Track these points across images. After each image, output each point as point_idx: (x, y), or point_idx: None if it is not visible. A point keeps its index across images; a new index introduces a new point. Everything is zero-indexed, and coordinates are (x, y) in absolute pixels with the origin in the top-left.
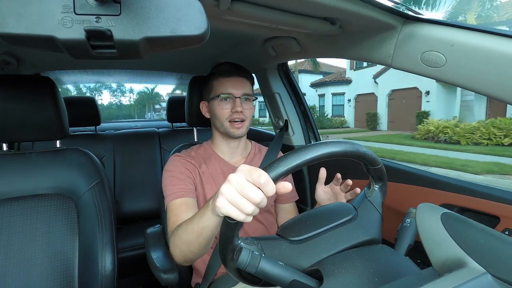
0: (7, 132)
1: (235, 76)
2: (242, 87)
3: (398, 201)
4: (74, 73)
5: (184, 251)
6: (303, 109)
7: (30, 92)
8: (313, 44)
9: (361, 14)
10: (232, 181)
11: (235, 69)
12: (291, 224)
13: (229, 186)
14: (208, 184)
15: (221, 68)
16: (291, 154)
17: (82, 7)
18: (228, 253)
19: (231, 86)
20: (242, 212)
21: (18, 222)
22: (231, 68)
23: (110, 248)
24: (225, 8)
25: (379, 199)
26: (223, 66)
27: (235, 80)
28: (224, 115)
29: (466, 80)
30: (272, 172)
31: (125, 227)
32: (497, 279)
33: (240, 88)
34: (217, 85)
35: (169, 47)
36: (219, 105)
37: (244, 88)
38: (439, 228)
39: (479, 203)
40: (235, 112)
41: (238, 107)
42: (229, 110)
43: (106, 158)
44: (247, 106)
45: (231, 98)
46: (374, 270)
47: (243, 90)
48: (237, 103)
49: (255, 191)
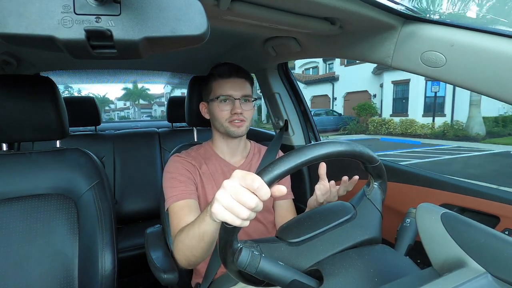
0: (7, 132)
1: (234, 77)
2: (241, 89)
3: (398, 201)
4: (74, 73)
5: (188, 256)
6: (303, 109)
7: (30, 92)
8: (313, 44)
9: (361, 14)
10: (227, 187)
11: (234, 70)
12: (289, 226)
13: (223, 192)
14: (209, 185)
15: (220, 69)
16: (285, 157)
17: (82, 7)
18: (228, 256)
19: (230, 88)
20: (238, 218)
21: (18, 222)
22: (230, 69)
23: (110, 248)
24: (225, 8)
25: (378, 197)
26: (222, 67)
27: (234, 82)
28: (224, 117)
29: (466, 80)
30: (266, 176)
31: (125, 227)
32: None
33: (239, 89)
34: (216, 86)
35: (169, 47)
36: (218, 106)
37: (243, 90)
38: (439, 228)
39: (479, 203)
40: (235, 114)
41: (238, 108)
42: (228, 112)
43: (106, 158)
44: (247, 107)
45: (230, 100)
46: (374, 270)
47: (242, 91)
48: (237, 104)
49: (250, 196)
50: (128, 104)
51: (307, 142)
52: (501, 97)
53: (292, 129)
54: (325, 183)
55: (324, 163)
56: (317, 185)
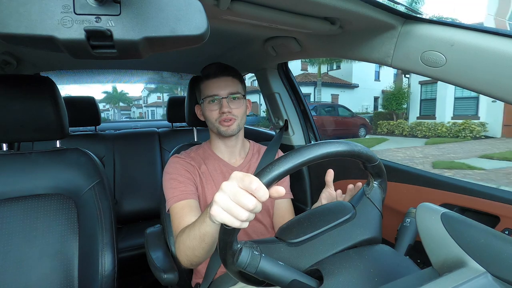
0: (7, 132)
1: (219, 76)
2: (227, 87)
3: (398, 201)
4: (74, 73)
5: (190, 256)
6: (303, 109)
7: (30, 92)
8: (313, 44)
9: (361, 14)
10: (225, 189)
11: (220, 70)
12: (289, 226)
13: (222, 194)
14: (208, 184)
15: (206, 70)
16: (283, 158)
17: (82, 7)
18: (228, 257)
19: (216, 87)
20: (237, 219)
21: (18, 222)
22: (216, 69)
23: (110, 248)
24: (225, 8)
25: (378, 196)
26: (208, 68)
27: (219, 81)
28: (213, 117)
29: (466, 80)
30: (264, 178)
31: (125, 227)
32: (497, 279)
33: (225, 88)
34: (204, 87)
35: (169, 47)
36: (207, 107)
37: (229, 88)
38: (439, 228)
39: (479, 203)
40: (223, 113)
41: (225, 107)
42: (217, 111)
43: (106, 158)
44: (235, 105)
45: (217, 100)
46: (374, 270)
47: (228, 89)
48: (224, 103)
49: (248, 198)
50: (107, 106)
51: (307, 142)
52: (501, 97)
53: (292, 129)
54: (332, 191)
55: (331, 170)
56: (323, 193)
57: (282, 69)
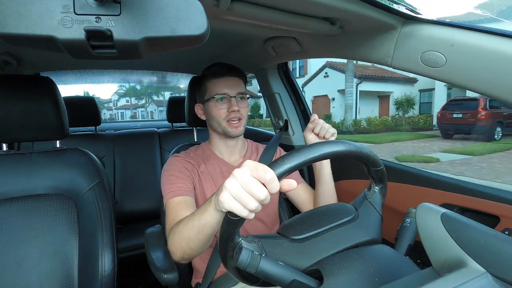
0: (7, 132)
1: (227, 76)
2: (236, 87)
3: (398, 201)
4: (74, 73)
5: (184, 248)
6: (303, 109)
7: (30, 92)
8: (313, 44)
9: (361, 14)
10: (237, 176)
11: (227, 69)
12: (292, 223)
13: (234, 181)
14: (207, 184)
15: (212, 69)
16: (296, 152)
17: (82, 7)
18: (229, 250)
19: (225, 86)
20: (245, 208)
21: (18, 222)
22: (223, 69)
23: (110, 248)
24: (225, 8)
25: (379, 201)
26: (214, 67)
27: (228, 80)
28: (221, 116)
29: (466, 80)
30: (277, 169)
31: (125, 227)
32: (497, 279)
33: (234, 87)
34: (211, 86)
35: (169, 47)
36: (215, 106)
37: (238, 87)
38: (439, 228)
39: (479, 203)
40: (232, 112)
41: (235, 106)
42: (225, 110)
43: (106, 158)
44: (243, 105)
45: (226, 98)
46: (374, 270)
47: (238, 89)
48: (233, 102)
49: (260, 188)
50: None
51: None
52: (501, 97)
53: (292, 129)
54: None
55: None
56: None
57: (282, 69)
